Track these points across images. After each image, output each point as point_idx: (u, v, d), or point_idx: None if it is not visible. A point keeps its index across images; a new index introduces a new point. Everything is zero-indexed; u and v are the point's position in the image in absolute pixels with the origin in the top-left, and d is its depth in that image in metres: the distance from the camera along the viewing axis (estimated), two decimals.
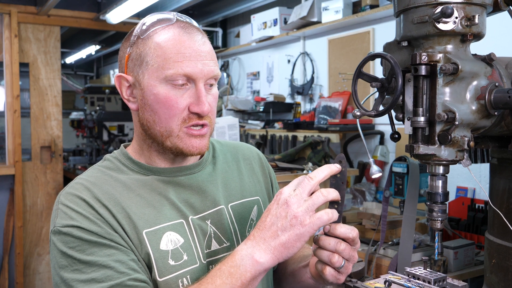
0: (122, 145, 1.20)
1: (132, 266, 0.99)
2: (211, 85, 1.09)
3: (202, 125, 1.08)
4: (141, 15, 4.82)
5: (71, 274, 0.97)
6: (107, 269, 0.96)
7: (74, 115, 6.45)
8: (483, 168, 2.56)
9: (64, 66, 8.99)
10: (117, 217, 1.03)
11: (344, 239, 1.00)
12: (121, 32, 5.84)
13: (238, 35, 4.90)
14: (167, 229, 1.06)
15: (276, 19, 4.10)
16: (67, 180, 4.54)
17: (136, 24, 1.13)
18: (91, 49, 7.64)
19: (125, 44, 1.12)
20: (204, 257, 1.09)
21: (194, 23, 1.12)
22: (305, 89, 4.05)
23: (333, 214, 0.96)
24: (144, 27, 1.08)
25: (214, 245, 1.12)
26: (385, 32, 3.34)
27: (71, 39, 7.58)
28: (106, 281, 0.95)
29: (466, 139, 1.19)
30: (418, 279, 1.31)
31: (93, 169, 1.14)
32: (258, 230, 0.96)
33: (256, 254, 0.94)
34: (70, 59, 8.92)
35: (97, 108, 5.64)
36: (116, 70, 7.43)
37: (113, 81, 7.46)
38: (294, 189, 0.96)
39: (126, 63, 1.10)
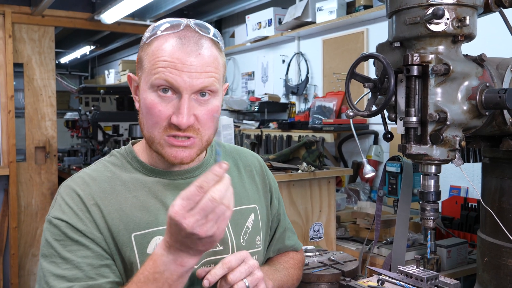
0: (130, 141, 1.23)
1: (102, 272, 1.03)
2: (203, 95, 1.06)
3: (188, 137, 1.05)
4: (135, 15, 4.81)
5: (48, 265, 1.03)
6: (78, 271, 1.02)
7: (69, 115, 6.42)
8: (476, 168, 2.58)
9: (59, 66, 8.95)
10: (106, 217, 1.06)
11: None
12: (116, 32, 5.84)
13: (233, 35, 4.91)
14: (157, 233, 1.08)
15: (271, 19, 4.10)
16: (61, 180, 4.52)
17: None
18: (86, 49, 7.62)
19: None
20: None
21: (210, 33, 1.09)
22: (299, 89, 4.07)
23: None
24: (151, 32, 1.09)
25: None
26: (379, 33, 3.36)
27: (66, 39, 7.56)
28: (74, 281, 1.01)
29: (458, 138, 1.20)
30: (411, 277, 1.33)
31: (99, 163, 1.18)
32: (174, 242, 0.92)
33: (178, 260, 0.93)
34: (64, 59, 8.90)
35: (92, 108, 5.63)
36: (111, 70, 7.43)
37: (107, 81, 7.46)
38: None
39: (136, 63, 1.13)
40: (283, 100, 4.29)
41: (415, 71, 1.19)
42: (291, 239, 1.41)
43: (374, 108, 1.26)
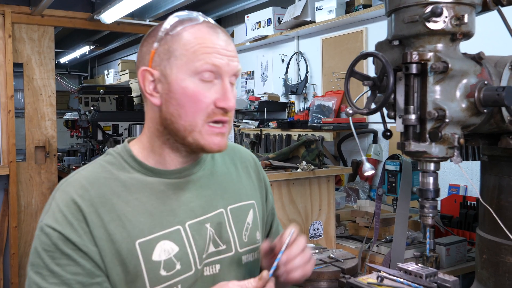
0: (126, 140, 1.19)
1: None
2: (232, 84, 1.10)
3: (223, 123, 1.08)
4: (135, 15, 4.82)
5: (35, 275, 0.99)
6: (67, 287, 0.98)
7: (68, 115, 6.42)
8: (475, 166, 2.58)
9: (58, 66, 8.94)
10: (108, 226, 1.02)
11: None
12: (115, 32, 5.84)
13: (232, 35, 4.91)
14: (162, 238, 1.06)
15: (270, 18, 4.11)
16: (61, 180, 4.53)
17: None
18: (85, 49, 7.61)
19: (149, 40, 1.11)
20: (200, 262, 1.10)
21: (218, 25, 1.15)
22: (299, 88, 4.07)
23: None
24: (173, 24, 1.08)
25: (211, 248, 1.12)
26: (378, 32, 3.37)
27: (65, 39, 7.56)
28: None
29: (456, 136, 1.21)
30: (410, 274, 1.34)
31: (95, 163, 1.13)
32: None
33: None
34: (64, 59, 8.89)
35: (91, 108, 5.63)
36: (111, 70, 7.42)
37: (107, 81, 7.46)
38: None
39: (152, 57, 1.09)
40: (282, 99, 4.30)
41: (414, 69, 1.20)
42: None
43: (373, 106, 1.27)
